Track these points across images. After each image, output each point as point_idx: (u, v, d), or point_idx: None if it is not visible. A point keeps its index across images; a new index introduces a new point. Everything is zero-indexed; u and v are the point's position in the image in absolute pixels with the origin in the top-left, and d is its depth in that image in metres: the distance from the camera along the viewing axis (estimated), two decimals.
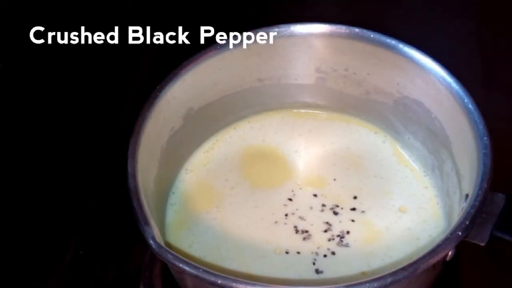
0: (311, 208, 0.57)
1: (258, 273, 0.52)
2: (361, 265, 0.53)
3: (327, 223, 0.56)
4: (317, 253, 0.54)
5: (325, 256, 0.54)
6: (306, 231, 0.55)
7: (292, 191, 0.58)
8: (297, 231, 0.55)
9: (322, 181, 0.59)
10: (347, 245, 0.54)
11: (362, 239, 0.55)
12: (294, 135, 0.62)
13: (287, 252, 0.54)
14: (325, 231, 0.55)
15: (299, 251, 0.54)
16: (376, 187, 0.58)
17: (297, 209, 0.57)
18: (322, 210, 0.57)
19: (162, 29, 0.61)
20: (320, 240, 0.55)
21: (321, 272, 0.53)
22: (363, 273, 0.52)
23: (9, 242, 0.54)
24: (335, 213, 0.56)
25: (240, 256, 0.54)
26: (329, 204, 0.57)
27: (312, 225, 0.56)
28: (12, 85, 0.53)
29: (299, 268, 0.53)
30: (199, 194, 0.58)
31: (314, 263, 0.53)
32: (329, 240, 0.55)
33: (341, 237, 0.55)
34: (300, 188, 0.58)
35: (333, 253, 0.54)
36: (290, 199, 0.57)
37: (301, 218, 0.56)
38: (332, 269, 0.53)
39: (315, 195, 0.58)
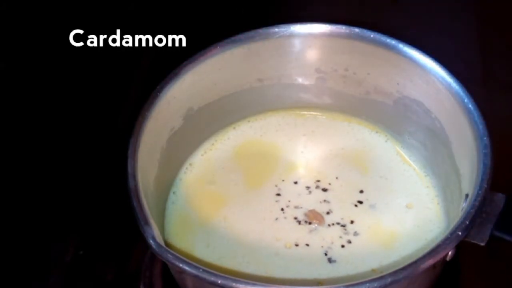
0: (299, 194, 0.57)
1: (275, 269, 0.53)
2: (373, 262, 0.53)
3: (324, 201, 0.56)
4: (325, 241, 0.54)
5: (342, 246, 0.54)
6: (310, 223, 0.55)
7: (276, 185, 0.58)
8: (299, 222, 0.55)
9: (324, 181, 0.59)
10: (355, 234, 0.55)
11: (371, 234, 0.55)
12: (294, 136, 0.62)
13: (296, 245, 0.54)
14: (327, 213, 0.56)
15: (308, 243, 0.54)
16: (381, 186, 0.58)
17: (289, 201, 0.57)
18: (310, 192, 0.57)
19: (163, 30, 0.62)
20: (326, 228, 0.55)
21: (334, 261, 0.53)
22: (373, 270, 0.52)
23: (9, 242, 0.54)
24: (324, 190, 0.57)
25: (255, 257, 0.54)
26: (312, 185, 0.58)
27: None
28: (13, 85, 0.53)
29: (312, 258, 0.53)
30: (200, 194, 0.58)
31: (326, 254, 0.53)
32: (334, 224, 0.55)
33: (346, 224, 0.55)
34: (283, 180, 0.58)
35: (349, 241, 0.54)
36: (279, 194, 0.58)
37: (296, 207, 0.56)
38: (345, 260, 0.53)
39: (295, 183, 0.58)
